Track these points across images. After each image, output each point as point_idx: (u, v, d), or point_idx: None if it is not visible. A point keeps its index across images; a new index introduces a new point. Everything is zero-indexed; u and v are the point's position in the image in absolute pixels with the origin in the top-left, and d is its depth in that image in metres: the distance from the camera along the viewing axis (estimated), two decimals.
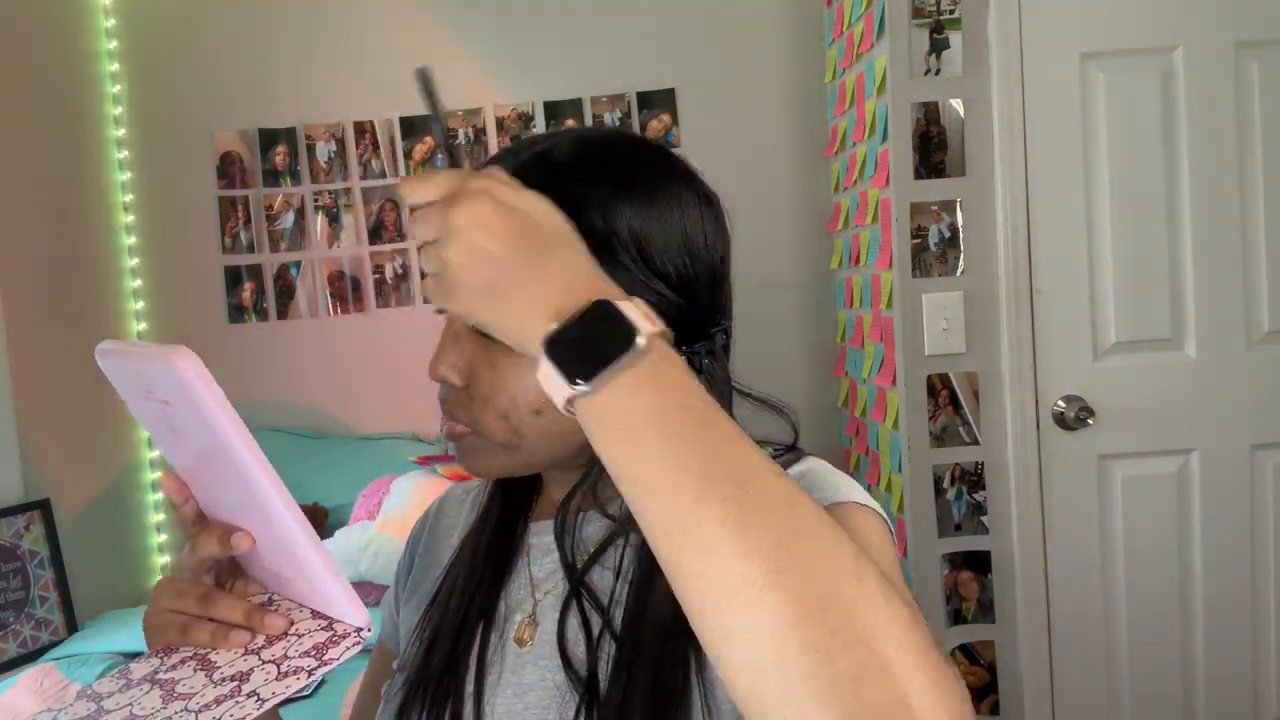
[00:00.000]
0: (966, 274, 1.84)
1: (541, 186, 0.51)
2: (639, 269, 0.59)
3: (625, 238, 0.58)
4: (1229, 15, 1.79)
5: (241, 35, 2.54)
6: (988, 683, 1.88)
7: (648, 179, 0.61)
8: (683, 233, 0.62)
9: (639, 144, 0.66)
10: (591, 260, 0.49)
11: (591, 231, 0.55)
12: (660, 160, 0.64)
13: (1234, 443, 1.85)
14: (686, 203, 0.63)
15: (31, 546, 1.99)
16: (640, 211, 0.59)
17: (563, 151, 0.60)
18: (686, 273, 0.62)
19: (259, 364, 2.57)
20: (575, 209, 0.53)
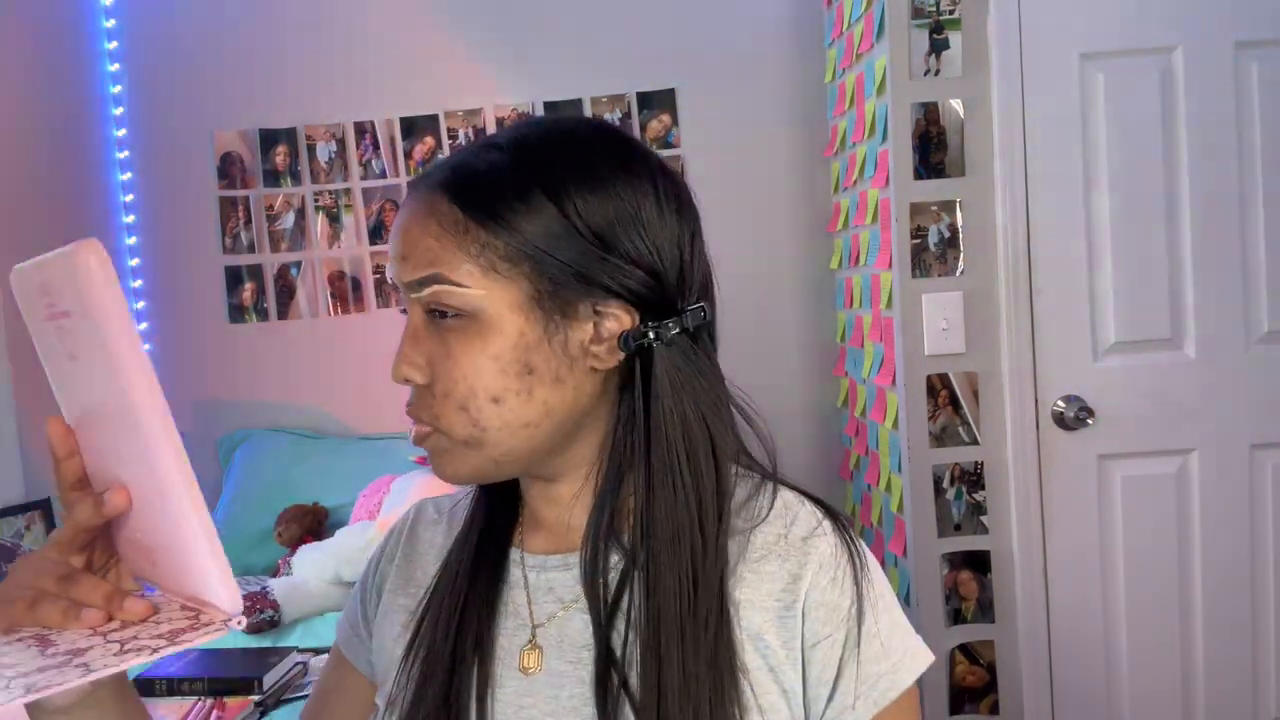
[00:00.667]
0: (966, 274, 1.84)
1: (489, 179, 0.59)
2: (597, 249, 0.59)
3: (580, 221, 0.59)
4: (1229, 15, 1.79)
5: (242, 35, 2.54)
6: (987, 682, 1.88)
7: (597, 160, 0.62)
8: (637, 210, 0.61)
9: (588, 128, 0.67)
10: None
11: (546, 217, 0.59)
12: (611, 141, 0.64)
13: (1234, 443, 1.85)
14: (640, 180, 0.62)
15: (32, 546, 1.99)
16: (591, 194, 0.60)
17: (506, 140, 0.62)
18: (647, 250, 0.61)
19: (259, 364, 2.57)
20: (525, 198, 0.59)
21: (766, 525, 0.65)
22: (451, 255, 0.59)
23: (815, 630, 0.62)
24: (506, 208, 0.59)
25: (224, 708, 1.51)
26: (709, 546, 0.61)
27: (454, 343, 0.60)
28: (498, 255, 0.59)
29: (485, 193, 0.60)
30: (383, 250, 2.56)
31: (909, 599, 1.91)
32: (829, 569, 0.63)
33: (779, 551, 0.64)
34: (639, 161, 0.63)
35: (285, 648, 1.70)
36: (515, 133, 0.63)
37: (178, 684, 1.57)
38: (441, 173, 0.62)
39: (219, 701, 1.53)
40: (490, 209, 0.59)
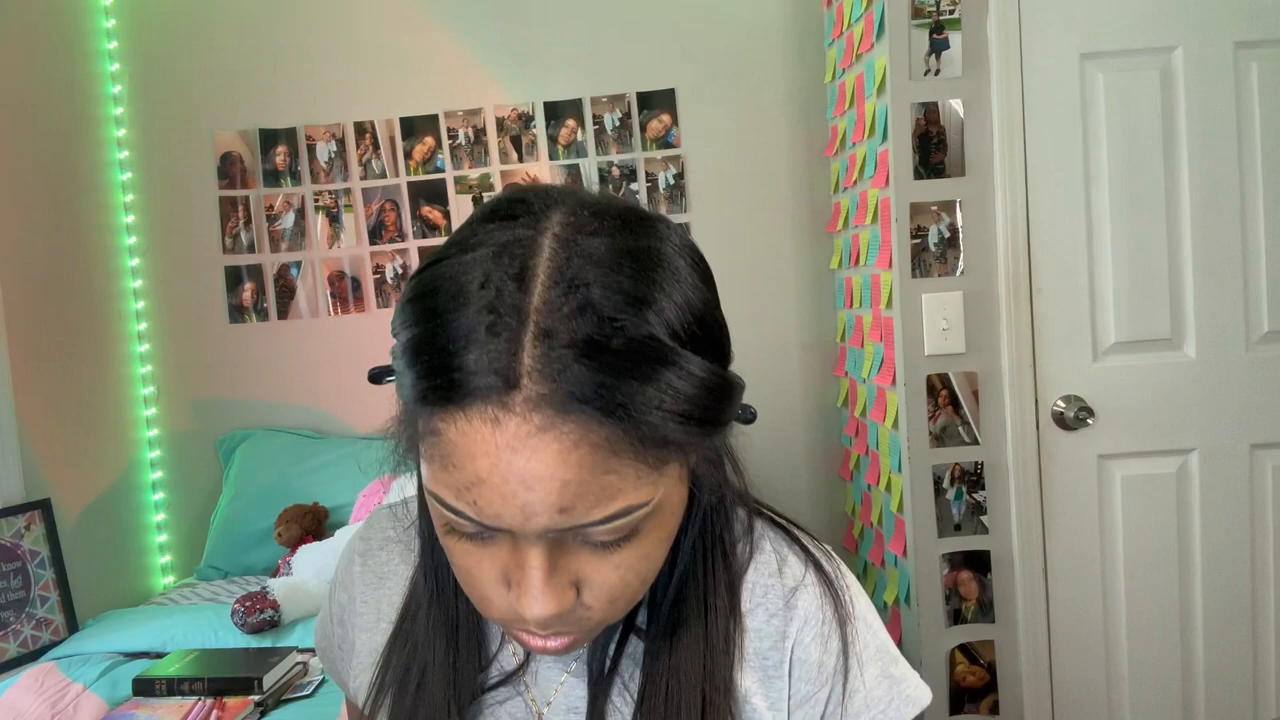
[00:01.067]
0: (966, 274, 1.84)
1: (651, 385, 0.45)
2: (730, 392, 0.50)
3: (719, 373, 0.49)
4: (1229, 15, 1.80)
5: (242, 35, 2.54)
6: (987, 682, 1.88)
7: (706, 292, 0.52)
8: (721, 320, 0.54)
9: (621, 212, 0.52)
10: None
11: (706, 394, 0.48)
12: (631, 220, 0.52)
13: (1234, 442, 1.85)
14: (683, 253, 0.53)
15: (32, 546, 1.99)
16: (719, 332, 0.52)
17: (625, 298, 0.47)
18: (700, 330, 0.51)
19: (259, 364, 2.57)
20: (687, 378, 0.46)
21: (754, 570, 0.63)
22: (633, 480, 0.47)
23: (800, 690, 0.61)
24: (673, 396, 0.46)
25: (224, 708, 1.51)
26: (727, 643, 0.59)
27: (620, 554, 0.50)
28: (664, 444, 0.48)
29: (649, 392, 0.45)
30: (383, 250, 2.56)
31: (909, 599, 1.91)
32: (813, 624, 0.61)
33: (766, 605, 0.62)
34: (690, 243, 0.54)
35: (285, 648, 1.71)
36: (615, 286, 0.46)
37: (178, 684, 1.57)
38: (577, 389, 0.44)
39: (219, 701, 1.53)
40: (660, 407, 0.46)
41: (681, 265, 0.50)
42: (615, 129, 2.52)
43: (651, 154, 2.52)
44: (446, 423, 0.46)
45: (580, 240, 0.48)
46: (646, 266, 0.48)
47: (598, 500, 0.47)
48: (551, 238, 0.48)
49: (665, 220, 0.54)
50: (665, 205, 2.52)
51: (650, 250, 0.49)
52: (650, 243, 0.50)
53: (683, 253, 0.52)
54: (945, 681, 1.88)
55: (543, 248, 0.47)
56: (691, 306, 0.49)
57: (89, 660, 1.77)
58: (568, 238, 0.48)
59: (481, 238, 0.49)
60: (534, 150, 2.53)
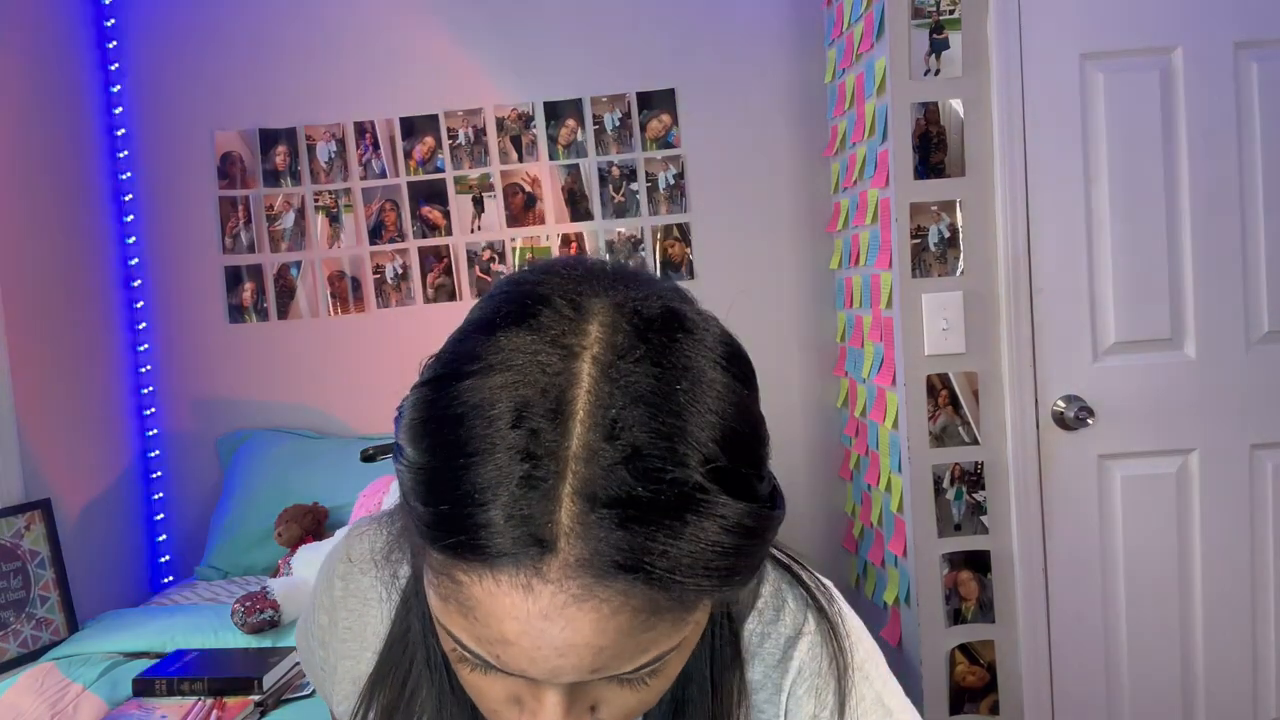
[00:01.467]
0: (966, 274, 1.84)
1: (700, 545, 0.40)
2: (722, 502, 0.43)
3: (708, 476, 0.43)
4: (1228, 15, 1.80)
5: (241, 35, 2.54)
6: (987, 682, 1.88)
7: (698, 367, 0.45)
8: (738, 415, 0.46)
9: (652, 335, 0.45)
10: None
11: (702, 491, 0.42)
12: (674, 330, 0.46)
13: (1234, 442, 1.85)
14: (714, 371, 0.46)
15: (32, 546, 1.99)
16: (763, 461, 0.47)
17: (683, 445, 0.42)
18: (748, 466, 0.45)
19: (259, 364, 2.57)
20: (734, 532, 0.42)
21: (752, 617, 0.60)
22: (669, 631, 0.44)
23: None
24: (720, 552, 0.42)
25: (224, 708, 1.51)
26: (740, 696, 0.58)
27: (647, 687, 0.48)
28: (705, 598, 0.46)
29: (695, 553, 0.41)
30: (383, 250, 2.56)
31: (909, 599, 1.91)
32: (806, 677, 0.59)
33: (763, 655, 0.60)
34: (724, 338, 0.48)
35: (285, 648, 1.71)
36: (656, 426, 0.41)
37: (177, 684, 1.57)
38: (619, 555, 0.40)
39: (219, 701, 1.53)
40: (706, 567, 0.42)
41: (721, 380, 0.45)
42: (615, 129, 2.52)
43: (651, 154, 2.52)
44: (470, 578, 0.42)
45: (621, 368, 0.42)
46: (690, 397, 0.43)
47: (631, 657, 0.44)
48: (591, 363, 0.42)
49: (702, 317, 0.48)
50: (665, 205, 2.52)
51: (692, 373, 0.44)
52: (691, 361, 0.44)
53: (721, 361, 0.46)
54: (945, 681, 1.88)
55: (581, 377, 0.42)
56: (730, 431, 0.44)
57: (89, 660, 1.77)
58: (608, 363, 0.42)
59: (509, 354, 0.43)
60: (534, 150, 2.53)
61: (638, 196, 2.53)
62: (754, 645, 0.60)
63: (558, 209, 2.54)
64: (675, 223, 2.53)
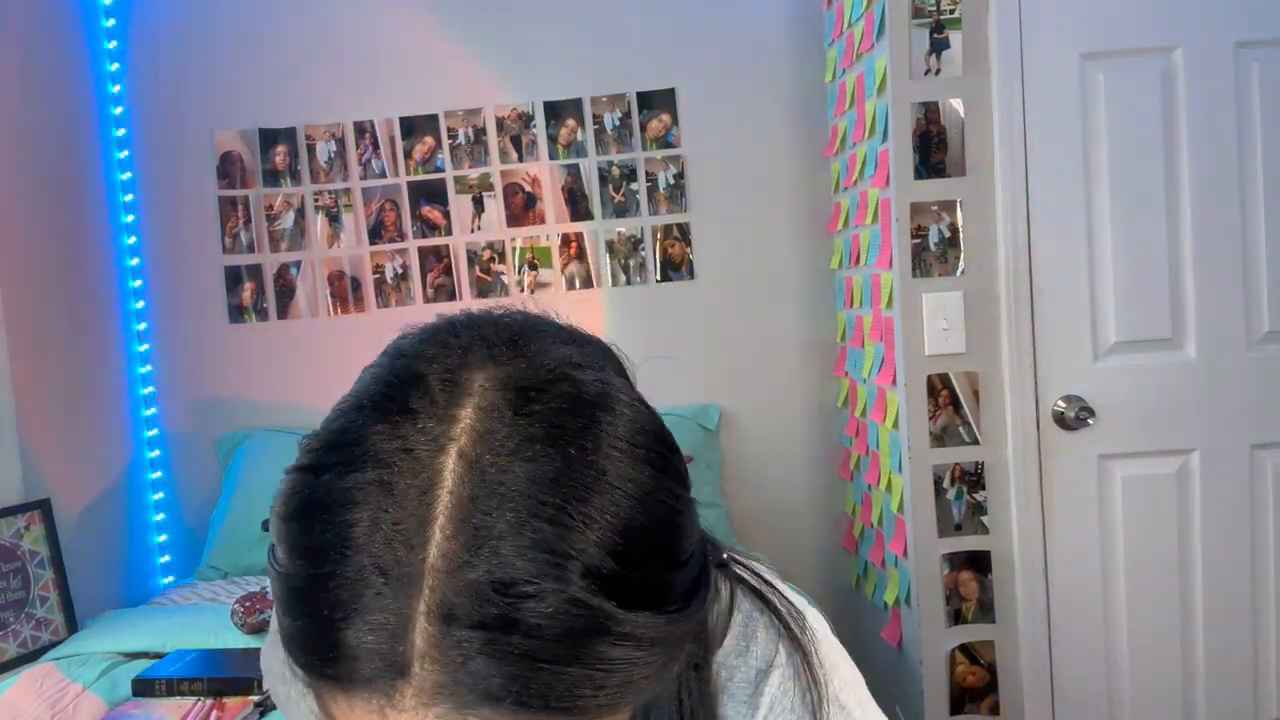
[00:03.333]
0: (966, 274, 1.84)
1: None
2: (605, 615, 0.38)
3: (600, 592, 0.37)
4: (1229, 15, 1.79)
5: (242, 35, 2.54)
6: (988, 682, 1.88)
7: (591, 489, 0.39)
8: (643, 514, 0.40)
9: (534, 421, 0.40)
10: None
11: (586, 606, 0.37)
12: (593, 423, 0.41)
13: (1234, 443, 1.85)
14: (626, 472, 0.40)
15: (31, 546, 1.99)
16: (605, 542, 0.38)
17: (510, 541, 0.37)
18: (646, 570, 0.40)
19: (259, 364, 2.57)
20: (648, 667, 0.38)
21: (721, 650, 0.58)
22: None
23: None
24: (610, 668, 0.37)
25: (223, 708, 1.51)
26: None
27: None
28: None
29: (575, 677, 0.37)
30: (383, 250, 2.56)
31: (909, 599, 1.91)
32: (779, 714, 0.58)
33: (731, 690, 0.58)
34: (652, 444, 0.42)
35: None
36: (529, 536, 0.37)
37: (177, 684, 1.57)
38: (479, 680, 0.36)
39: (218, 702, 1.53)
40: (596, 685, 0.37)
41: (620, 470, 0.39)
42: (615, 129, 2.52)
43: (651, 154, 2.52)
44: (330, 696, 0.39)
45: (491, 465, 0.38)
46: (575, 497, 0.37)
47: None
48: (457, 458, 0.38)
49: (609, 388, 0.42)
50: (665, 205, 2.52)
51: (581, 468, 0.38)
52: (585, 453, 0.39)
53: (622, 444, 0.40)
54: (946, 682, 1.88)
55: (443, 475, 0.37)
56: (626, 531, 0.38)
57: (89, 660, 1.77)
58: (476, 459, 0.38)
59: (372, 445, 0.39)
60: (534, 150, 2.53)
61: (638, 196, 2.53)
62: (723, 680, 0.58)
63: (558, 209, 2.54)
64: (675, 223, 2.53)
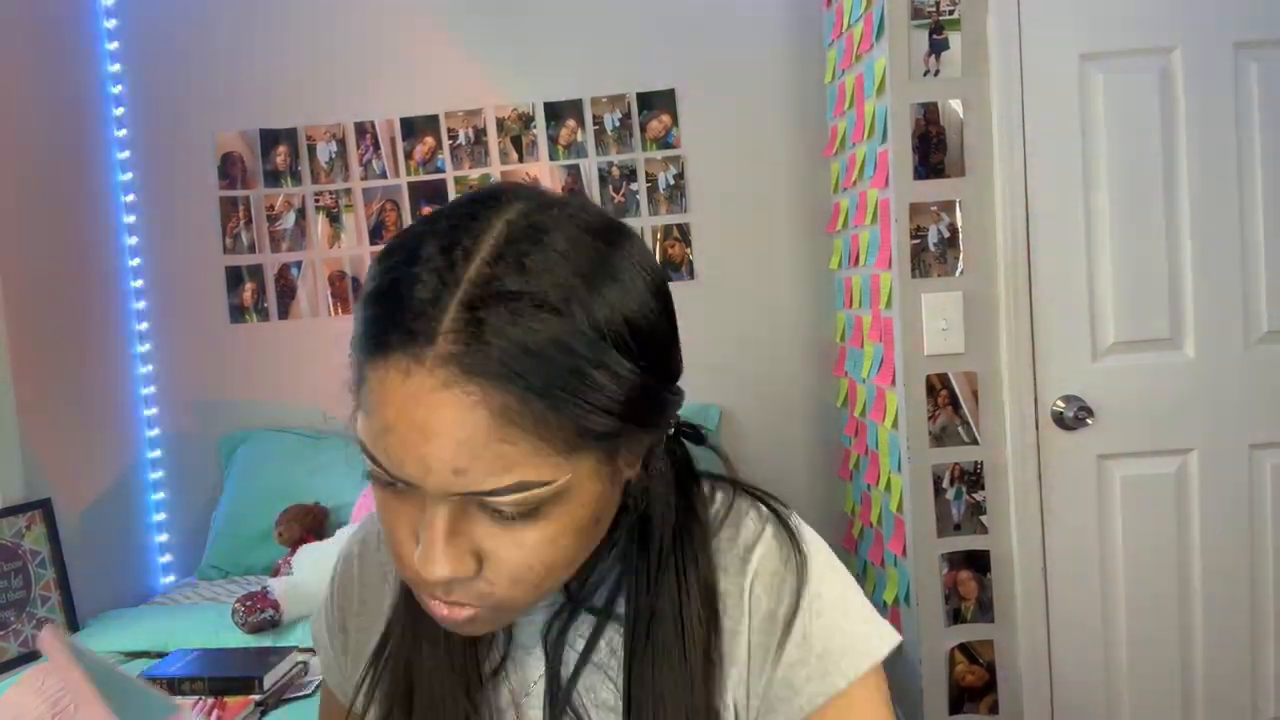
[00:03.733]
0: (966, 274, 1.84)
1: (557, 356, 0.47)
2: (661, 391, 0.54)
3: (649, 370, 0.52)
4: (1228, 15, 1.80)
5: (242, 35, 2.54)
6: (987, 682, 1.88)
7: (639, 284, 0.53)
8: (670, 325, 0.56)
9: (598, 230, 0.53)
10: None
11: (623, 382, 0.50)
12: (629, 247, 0.54)
13: (1233, 443, 1.85)
14: (659, 281, 0.56)
15: (32, 546, 1.99)
16: (650, 333, 0.53)
17: (545, 290, 0.49)
18: (679, 362, 0.56)
19: (260, 364, 2.57)
20: (601, 366, 0.49)
21: (720, 533, 0.64)
22: (532, 455, 0.48)
23: (757, 641, 0.61)
24: (587, 387, 0.49)
25: (224, 708, 1.51)
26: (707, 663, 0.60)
27: (524, 531, 0.51)
28: (572, 434, 0.49)
29: (559, 376, 0.48)
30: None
31: (909, 599, 1.92)
32: (764, 576, 0.62)
33: (725, 566, 0.63)
34: (651, 262, 0.56)
35: (285, 648, 1.71)
36: (551, 277, 0.49)
37: (178, 684, 1.57)
38: (485, 356, 0.47)
39: (219, 701, 1.53)
40: (571, 393, 0.48)
41: (633, 278, 0.52)
42: (615, 129, 2.52)
43: (651, 154, 2.52)
44: (372, 370, 0.50)
45: (533, 229, 0.50)
46: (593, 268, 0.50)
47: (492, 468, 0.48)
48: (505, 222, 0.51)
49: (632, 236, 0.56)
50: (665, 205, 2.52)
51: (603, 256, 0.51)
52: (607, 251, 0.52)
53: (640, 268, 0.53)
54: (945, 681, 1.88)
55: (494, 228, 0.50)
56: (630, 316, 0.51)
57: None
58: (522, 224, 0.51)
59: (450, 213, 0.52)
60: (534, 150, 2.53)
61: (638, 197, 2.53)
62: (718, 558, 0.63)
63: None
64: (675, 223, 2.53)
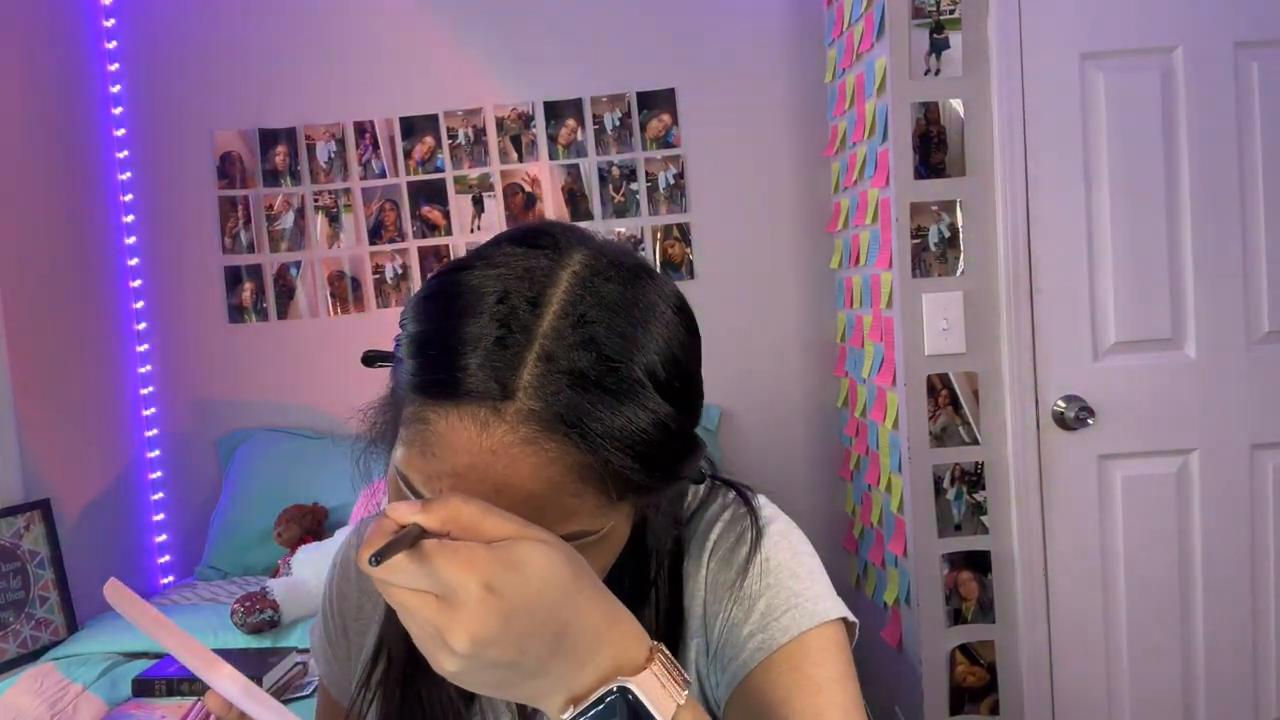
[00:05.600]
0: (966, 274, 1.84)
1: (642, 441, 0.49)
2: (694, 448, 0.55)
3: (690, 428, 0.54)
4: (1229, 15, 1.79)
5: (241, 35, 2.54)
6: (988, 682, 1.88)
7: (694, 354, 0.56)
8: (683, 352, 0.56)
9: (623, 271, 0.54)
10: (602, 611, 0.45)
11: (681, 449, 0.53)
12: (642, 275, 0.56)
13: (1234, 442, 1.85)
14: (668, 310, 0.56)
15: (31, 546, 1.99)
16: (697, 395, 0.56)
17: (634, 365, 0.50)
18: (681, 386, 0.55)
19: (259, 364, 2.57)
20: (683, 445, 0.52)
21: (689, 522, 0.67)
22: (593, 508, 0.50)
23: (710, 610, 0.63)
24: (664, 467, 0.51)
25: None
26: None
27: None
28: (623, 484, 0.50)
29: (647, 457, 0.50)
30: (382, 250, 2.56)
31: (909, 599, 1.91)
32: (720, 551, 0.64)
33: (690, 552, 0.65)
34: (689, 317, 0.58)
35: (285, 648, 1.71)
36: (614, 327, 0.51)
37: (177, 684, 1.57)
38: (566, 413, 0.48)
39: None
40: (649, 469, 0.50)
41: (672, 319, 0.54)
42: (615, 129, 2.52)
43: (651, 154, 2.52)
44: (438, 415, 0.49)
45: (596, 283, 0.51)
46: (647, 318, 0.52)
47: (556, 520, 0.48)
48: (571, 274, 0.51)
49: (664, 277, 0.58)
50: (665, 205, 2.52)
51: (650, 304, 0.53)
52: (652, 297, 0.54)
53: (674, 306, 0.55)
54: (945, 682, 1.88)
55: (561, 281, 0.51)
56: (675, 360, 0.53)
57: (89, 660, 1.77)
58: (585, 277, 0.52)
59: (507, 258, 0.52)
60: (534, 150, 2.53)
61: (638, 196, 2.53)
62: (688, 545, 0.66)
63: (558, 209, 2.54)
64: (675, 223, 2.53)
